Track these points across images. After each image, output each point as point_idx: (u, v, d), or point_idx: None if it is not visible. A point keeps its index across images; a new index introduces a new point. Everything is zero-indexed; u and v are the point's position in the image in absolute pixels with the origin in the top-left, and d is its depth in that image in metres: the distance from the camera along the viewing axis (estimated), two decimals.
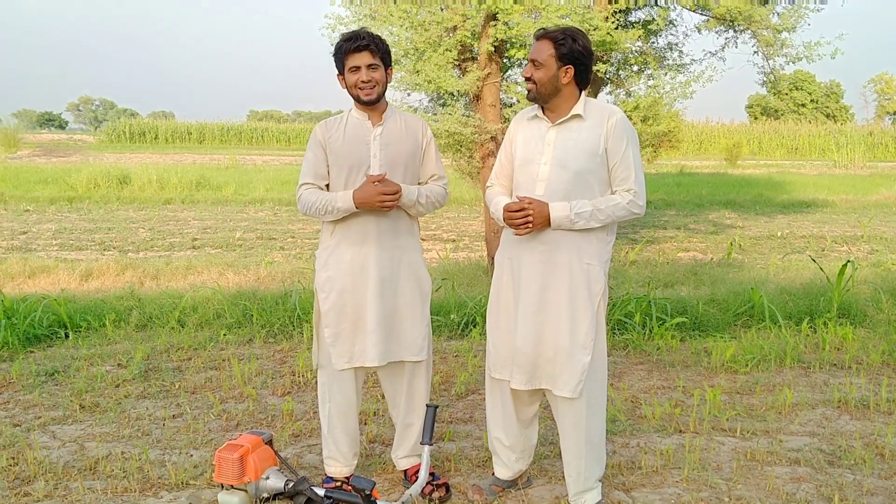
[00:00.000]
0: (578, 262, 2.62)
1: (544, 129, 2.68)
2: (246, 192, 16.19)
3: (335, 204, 2.73)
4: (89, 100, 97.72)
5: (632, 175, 2.61)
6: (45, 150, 32.30)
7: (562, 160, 2.62)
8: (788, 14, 6.68)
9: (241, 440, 2.77)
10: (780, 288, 6.22)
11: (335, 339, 2.83)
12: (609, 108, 2.68)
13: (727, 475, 3.11)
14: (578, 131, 2.63)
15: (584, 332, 2.62)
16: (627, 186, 2.62)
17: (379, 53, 2.74)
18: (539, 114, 2.71)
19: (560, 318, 2.62)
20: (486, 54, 6.71)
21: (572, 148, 2.61)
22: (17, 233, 10.78)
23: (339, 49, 2.76)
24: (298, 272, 7.40)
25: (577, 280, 2.62)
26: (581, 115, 2.63)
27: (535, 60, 2.61)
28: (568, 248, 2.62)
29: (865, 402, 3.91)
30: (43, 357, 4.75)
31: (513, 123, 2.83)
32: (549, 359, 2.65)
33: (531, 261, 2.66)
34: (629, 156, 2.61)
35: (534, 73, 2.62)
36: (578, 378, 2.62)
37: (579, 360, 2.61)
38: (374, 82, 2.74)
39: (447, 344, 5.05)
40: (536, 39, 2.65)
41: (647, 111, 7.22)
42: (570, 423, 2.71)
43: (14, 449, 3.36)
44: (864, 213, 13.96)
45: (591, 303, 2.63)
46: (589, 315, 2.63)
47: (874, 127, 43.53)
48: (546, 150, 2.65)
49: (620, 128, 2.61)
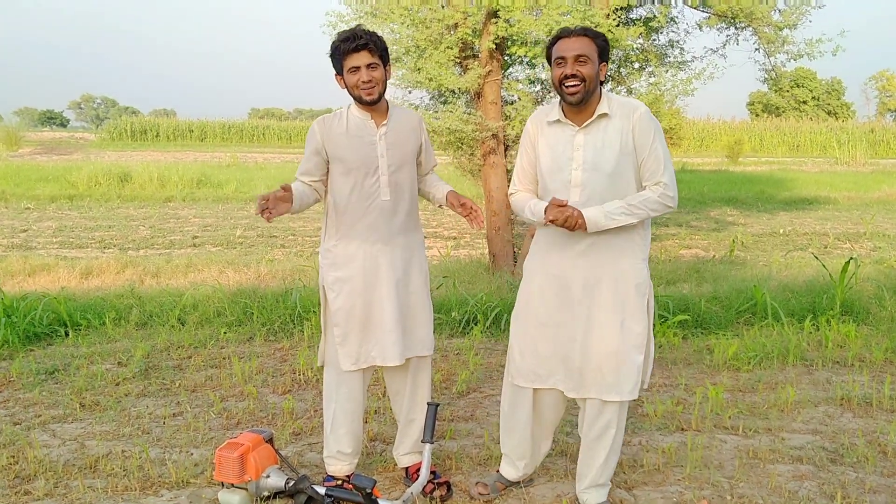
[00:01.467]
0: (623, 261, 2.58)
1: (571, 134, 2.59)
2: (247, 189, 16.17)
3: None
4: (91, 98, 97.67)
5: (661, 167, 2.55)
6: (46, 148, 32.28)
7: (594, 163, 2.54)
8: (790, 11, 6.67)
9: (242, 439, 2.77)
10: (782, 285, 6.20)
11: (343, 339, 2.80)
12: (631, 101, 2.61)
13: (729, 473, 3.10)
14: (606, 131, 2.55)
15: (636, 332, 2.58)
16: (657, 180, 2.55)
17: (378, 52, 2.69)
18: (562, 118, 2.61)
19: (608, 320, 2.56)
20: (488, 52, 6.69)
21: (603, 149, 2.54)
22: (18, 231, 10.78)
23: (336, 50, 2.69)
24: (299, 270, 7.38)
25: (623, 279, 2.57)
26: (607, 112, 2.56)
27: (582, 56, 2.49)
28: (608, 248, 2.57)
29: (868, 399, 3.90)
30: (43, 355, 4.75)
31: (530, 127, 2.73)
32: (597, 366, 2.59)
33: (573, 266, 2.60)
34: (658, 148, 2.55)
35: (580, 69, 2.49)
36: (635, 379, 2.58)
37: (633, 360, 2.57)
38: (375, 82, 2.69)
39: (448, 342, 5.04)
40: (569, 36, 2.52)
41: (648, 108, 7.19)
42: (603, 425, 2.68)
43: (14, 447, 3.35)
44: (867, 210, 13.93)
45: (640, 301, 2.59)
46: (641, 313, 2.59)
47: (876, 124, 43.39)
48: (576, 155, 2.56)
49: (646, 121, 2.55)
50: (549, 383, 2.71)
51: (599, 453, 2.72)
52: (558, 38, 2.55)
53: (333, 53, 2.72)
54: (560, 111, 2.62)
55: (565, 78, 2.50)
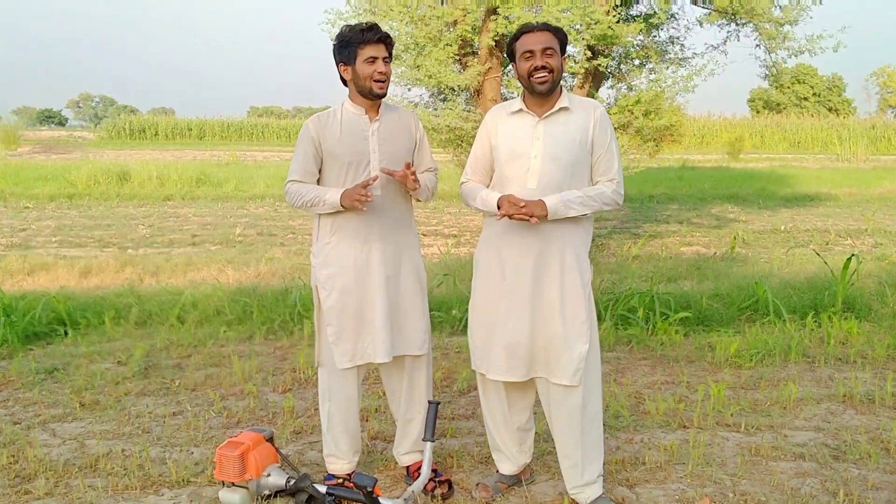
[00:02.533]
0: (570, 252, 2.65)
1: (532, 123, 2.67)
2: (246, 188, 16.15)
3: (324, 198, 2.70)
4: (89, 96, 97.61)
5: (614, 165, 2.69)
6: (44, 147, 32.25)
7: (553, 153, 2.63)
8: (790, 7, 6.65)
9: (242, 437, 2.75)
10: (784, 282, 6.19)
11: (337, 337, 2.80)
12: (589, 100, 2.78)
13: (731, 470, 3.09)
14: (566, 123, 2.66)
15: (580, 320, 2.64)
16: (610, 176, 2.68)
17: (391, 48, 2.74)
18: (524, 108, 2.69)
19: (553, 307, 2.63)
20: (487, 49, 6.67)
21: (562, 139, 2.63)
22: (17, 230, 10.76)
23: (351, 39, 2.68)
24: (299, 268, 7.37)
25: (570, 269, 2.64)
26: (568, 106, 2.66)
27: (548, 48, 2.60)
28: (558, 238, 2.64)
29: (871, 396, 3.89)
30: (42, 354, 4.74)
31: (489, 117, 2.81)
32: (542, 347, 2.66)
33: (520, 254, 2.65)
34: (612, 146, 2.69)
35: (548, 61, 2.60)
36: (576, 365, 2.62)
37: (576, 348, 2.62)
38: (387, 75, 2.73)
39: (449, 340, 5.02)
40: (532, 31, 2.64)
41: (648, 105, 7.18)
42: (566, 413, 2.69)
43: (14, 447, 3.34)
44: (868, 206, 13.90)
45: (584, 291, 2.66)
46: (584, 303, 2.65)
47: (877, 120, 43.39)
48: (536, 144, 2.65)
49: (605, 119, 2.69)
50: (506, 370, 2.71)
51: (571, 445, 2.71)
52: (522, 32, 2.67)
53: (348, 42, 2.70)
54: (522, 102, 2.71)
55: (535, 70, 2.61)
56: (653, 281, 5.97)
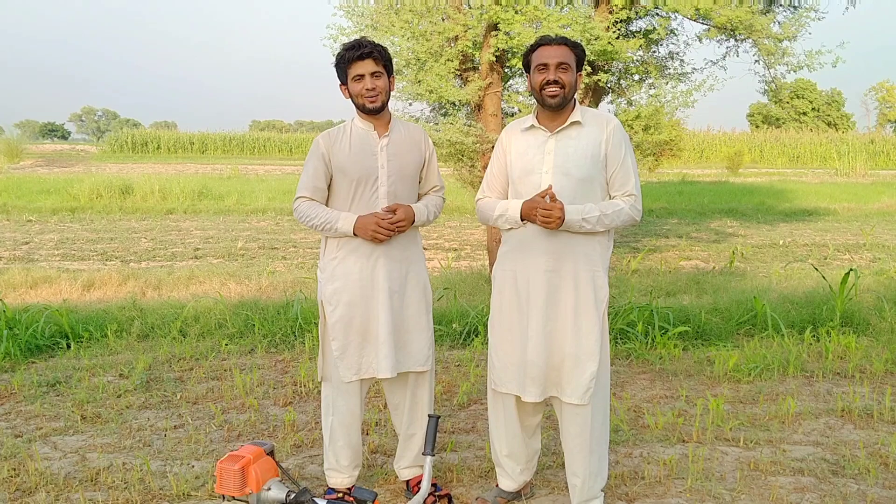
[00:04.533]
0: (584, 269, 2.62)
1: (542, 139, 2.67)
2: (248, 201, 16.21)
3: (335, 225, 2.74)
4: (92, 110, 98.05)
5: (631, 180, 2.65)
6: (47, 161, 32.39)
7: (564, 168, 2.61)
8: (789, 23, 6.70)
9: (243, 451, 2.75)
10: (782, 296, 6.21)
11: (343, 351, 2.81)
12: (604, 114, 2.72)
13: (731, 485, 3.09)
14: (578, 138, 2.63)
15: (591, 339, 2.62)
16: (626, 191, 2.64)
17: (382, 61, 2.74)
18: (535, 124, 2.69)
19: (567, 326, 2.62)
20: (488, 64, 6.73)
21: (573, 155, 2.62)
22: (20, 243, 10.80)
23: (341, 58, 2.74)
24: (300, 282, 7.40)
25: (584, 287, 2.62)
26: (580, 121, 2.64)
27: (563, 63, 2.59)
28: (573, 256, 2.62)
29: (869, 411, 3.90)
30: (44, 367, 4.75)
31: (504, 135, 2.82)
32: (555, 366, 2.65)
33: (536, 271, 2.64)
34: (628, 161, 2.65)
35: (561, 76, 2.58)
36: (586, 385, 2.62)
37: (586, 367, 2.62)
38: (378, 90, 2.73)
39: (449, 353, 5.04)
40: (550, 44, 2.62)
41: (648, 120, 7.23)
42: (576, 430, 2.70)
43: (15, 460, 3.35)
44: (866, 221, 13.94)
45: (597, 310, 2.64)
46: (595, 322, 2.63)
47: (875, 135, 43.53)
48: (547, 160, 2.64)
49: (619, 134, 2.65)
50: (520, 389, 2.72)
51: (579, 462, 2.73)
52: (539, 45, 2.65)
53: (339, 62, 2.76)
54: (534, 118, 2.71)
55: (546, 84, 2.59)
56: (652, 295, 5.99)
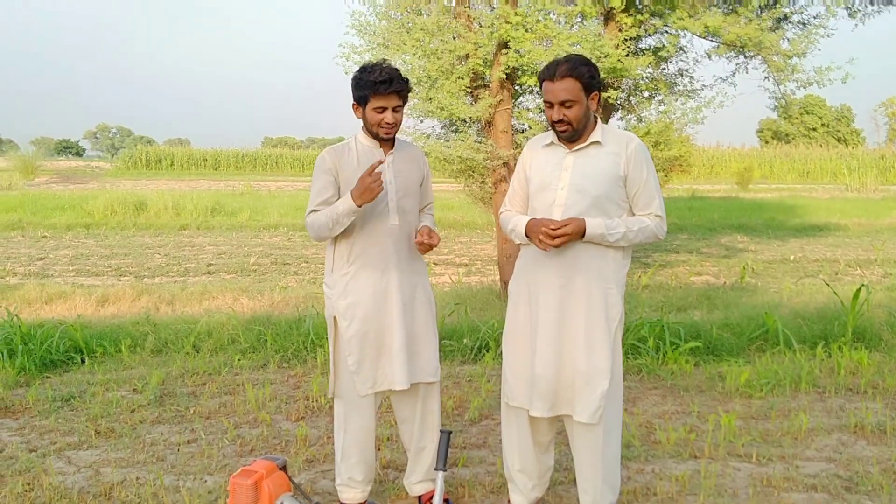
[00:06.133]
0: (597, 286, 2.62)
1: (561, 155, 2.68)
2: (260, 217, 16.32)
3: (337, 210, 2.71)
4: (106, 127, 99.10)
5: (655, 200, 2.65)
6: (62, 177, 32.76)
7: (580, 185, 2.62)
8: (799, 40, 6.73)
9: (256, 466, 2.79)
10: (793, 312, 6.18)
11: (359, 365, 2.83)
12: (626, 134, 2.71)
13: (743, 501, 3.08)
14: (597, 157, 2.64)
15: (602, 357, 2.61)
16: (650, 211, 2.65)
17: (405, 96, 2.78)
18: (555, 140, 2.71)
19: (578, 343, 2.62)
20: (498, 81, 6.79)
21: (591, 173, 2.62)
22: (35, 259, 10.91)
23: (366, 85, 2.71)
24: (312, 297, 7.44)
25: (595, 305, 2.62)
26: (600, 141, 2.65)
27: (567, 101, 2.56)
28: (587, 272, 2.62)
29: (882, 426, 3.88)
30: (59, 382, 4.80)
31: (526, 150, 2.85)
32: (568, 384, 2.64)
33: (550, 287, 2.65)
34: (651, 182, 2.64)
35: (566, 113, 2.58)
36: (598, 404, 2.61)
37: (597, 385, 2.60)
38: (396, 123, 2.79)
39: (460, 369, 5.05)
40: (553, 80, 2.58)
41: (658, 136, 7.27)
42: (587, 448, 2.70)
43: (30, 475, 3.38)
44: (877, 236, 13.86)
45: (608, 328, 2.63)
46: (606, 340, 2.62)
47: (886, 150, 43.32)
48: (563, 176, 2.65)
49: (640, 154, 2.64)
50: (529, 403, 2.72)
51: (590, 479, 2.72)
52: (543, 79, 2.62)
53: (362, 86, 2.73)
54: (554, 135, 2.73)
55: (554, 122, 2.63)
56: (663, 310, 5.99)
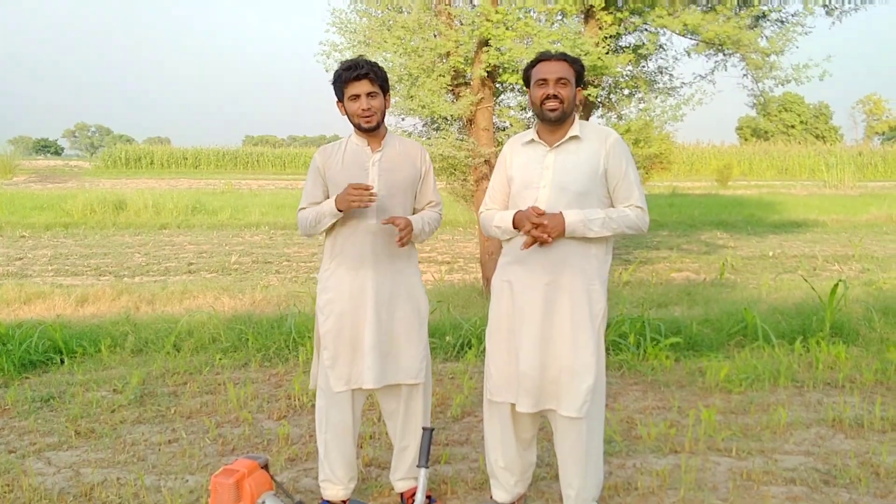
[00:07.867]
0: (581, 283, 2.64)
1: (542, 153, 2.70)
2: (241, 216, 16.22)
3: (323, 210, 2.81)
4: (85, 126, 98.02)
5: (634, 192, 2.68)
6: (41, 177, 32.32)
7: (561, 183, 2.64)
8: (776, 37, 6.80)
9: (237, 465, 2.77)
10: (772, 307, 6.26)
11: (333, 361, 2.85)
12: (604, 129, 2.75)
13: (723, 495, 3.12)
14: (577, 153, 2.66)
15: (588, 352, 2.63)
16: (631, 202, 2.68)
17: (378, 81, 2.80)
18: (535, 138, 2.73)
19: (563, 339, 2.63)
20: (479, 79, 6.80)
21: (572, 170, 2.64)
22: (13, 259, 10.77)
23: (338, 78, 2.80)
24: (294, 296, 7.41)
25: (580, 301, 2.64)
26: (579, 136, 2.67)
27: (562, 78, 2.63)
28: (571, 269, 2.64)
29: (860, 420, 3.93)
30: (38, 383, 4.74)
31: (506, 148, 2.86)
32: (553, 379, 2.66)
33: (533, 283, 2.66)
34: (630, 174, 2.68)
35: (560, 91, 2.62)
36: (583, 398, 2.63)
37: (583, 380, 2.63)
38: (374, 110, 2.79)
39: (443, 366, 5.06)
40: (547, 60, 2.65)
41: (638, 134, 7.31)
42: (571, 442, 2.72)
43: (9, 476, 3.34)
44: (855, 232, 14.05)
45: (592, 323, 2.65)
46: (591, 335, 2.64)
47: (863, 147, 43.95)
48: (545, 174, 2.67)
49: (619, 147, 2.67)
50: (515, 398, 2.74)
51: (574, 473, 2.75)
52: (539, 60, 2.68)
53: (336, 81, 2.82)
54: (534, 132, 2.75)
55: (546, 98, 2.63)
56: (644, 306, 6.03)
